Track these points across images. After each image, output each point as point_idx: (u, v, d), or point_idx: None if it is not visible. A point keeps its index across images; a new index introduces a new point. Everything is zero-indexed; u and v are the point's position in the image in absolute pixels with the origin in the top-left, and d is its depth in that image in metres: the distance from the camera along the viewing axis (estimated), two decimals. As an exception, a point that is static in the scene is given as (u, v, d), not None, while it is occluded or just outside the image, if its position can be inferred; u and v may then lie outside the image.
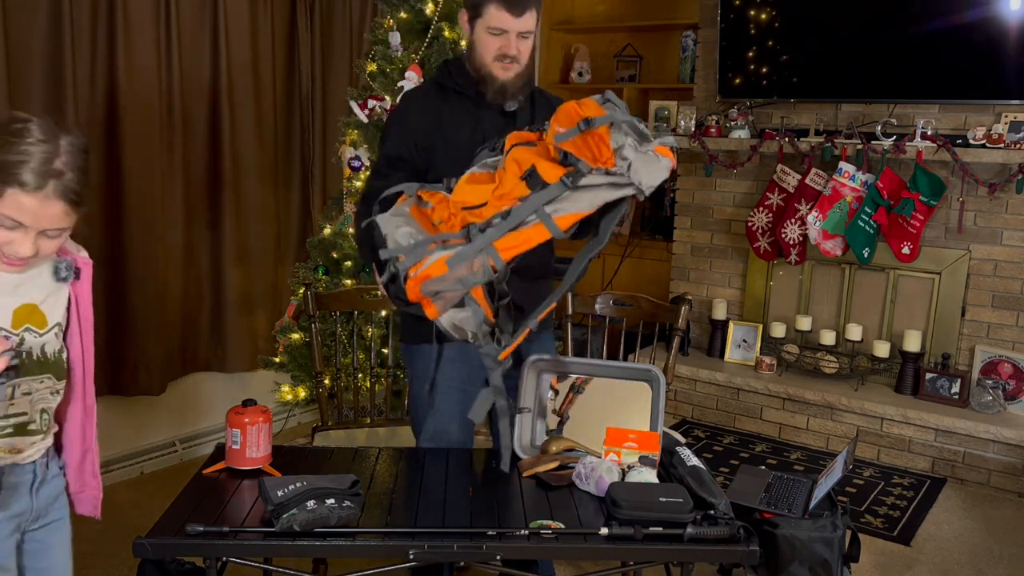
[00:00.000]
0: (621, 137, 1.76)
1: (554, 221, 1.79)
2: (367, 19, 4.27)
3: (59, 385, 1.69)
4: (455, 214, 1.88)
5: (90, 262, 1.76)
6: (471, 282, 1.81)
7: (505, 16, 2.12)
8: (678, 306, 2.74)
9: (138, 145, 3.43)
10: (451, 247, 1.84)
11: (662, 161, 1.78)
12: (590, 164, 1.77)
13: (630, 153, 1.75)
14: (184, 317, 3.73)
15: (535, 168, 1.80)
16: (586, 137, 1.77)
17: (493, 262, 1.80)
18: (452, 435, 2.34)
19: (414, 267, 1.84)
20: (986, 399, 3.89)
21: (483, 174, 1.93)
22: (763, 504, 2.47)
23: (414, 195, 1.99)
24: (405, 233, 1.90)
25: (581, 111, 1.80)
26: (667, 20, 5.33)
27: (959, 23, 3.83)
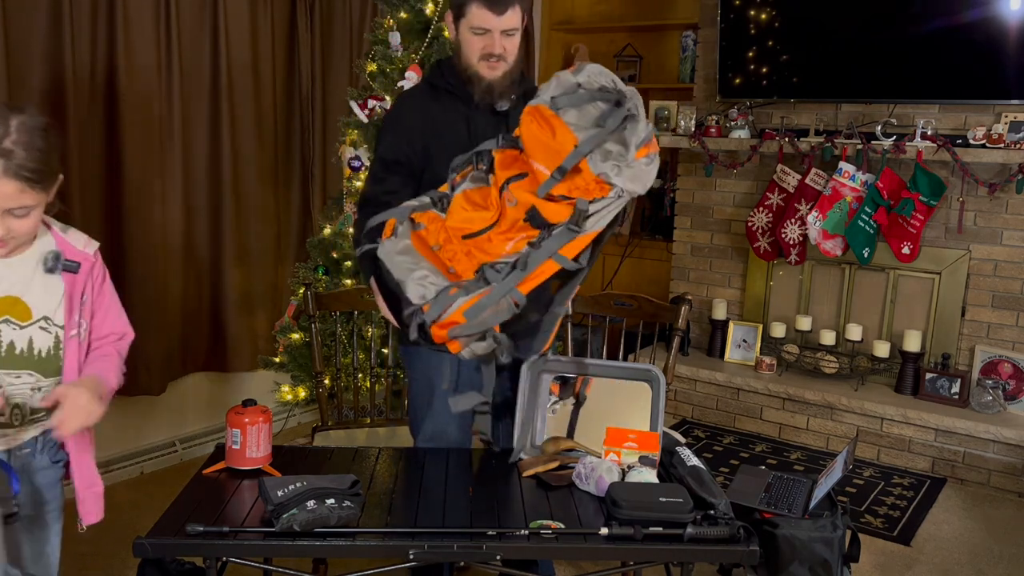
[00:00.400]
0: (600, 164, 1.71)
1: (563, 255, 1.78)
2: (367, 19, 4.27)
3: (46, 382, 1.67)
4: (452, 239, 1.86)
5: (92, 259, 1.74)
6: (494, 322, 1.81)
7: (487, 15, 2.11)
8: (678, 306, 2.74)
9: (138, 145, 3.43)
10: (469, 287, 1.81)
11: (650, 164, 1.76)
12: (586, 200, 1.75)
13: (616, 178, 1.72)
14: (184, 317, 3.72)
15: (536, 209, 1.78)
16: (572, 176, 1.73)
17: (516, 300, 1.79)
18: (451, 436, 2.34)
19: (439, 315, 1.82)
20: (986, 399, 3.89)
21: (476, 192, 1.90)
22: (763, 504, 2.47)
23: (406, 219, 1.95)
24: (419, 277, 1.86)
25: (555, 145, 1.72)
26: (667, 20, 5.33)
27: (959, 23, 3.83)
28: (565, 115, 1.75)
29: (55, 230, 1.75)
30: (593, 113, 1.75)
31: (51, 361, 1.69)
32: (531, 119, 1.78)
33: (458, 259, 1.84)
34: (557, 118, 1.75)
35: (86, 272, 1.74)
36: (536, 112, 1.78)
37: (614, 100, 1.75)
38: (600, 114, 1.75)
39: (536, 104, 1.79)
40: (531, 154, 1.77)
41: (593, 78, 1.79)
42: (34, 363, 1.65)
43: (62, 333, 1.71)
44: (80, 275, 1.72)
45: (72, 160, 3.20)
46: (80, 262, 1.72)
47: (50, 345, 1.67)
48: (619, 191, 1.74)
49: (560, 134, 1.73)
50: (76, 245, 1.75)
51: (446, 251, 1.86)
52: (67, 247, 1.72)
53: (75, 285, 1.72)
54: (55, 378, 1.71)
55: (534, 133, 1.76)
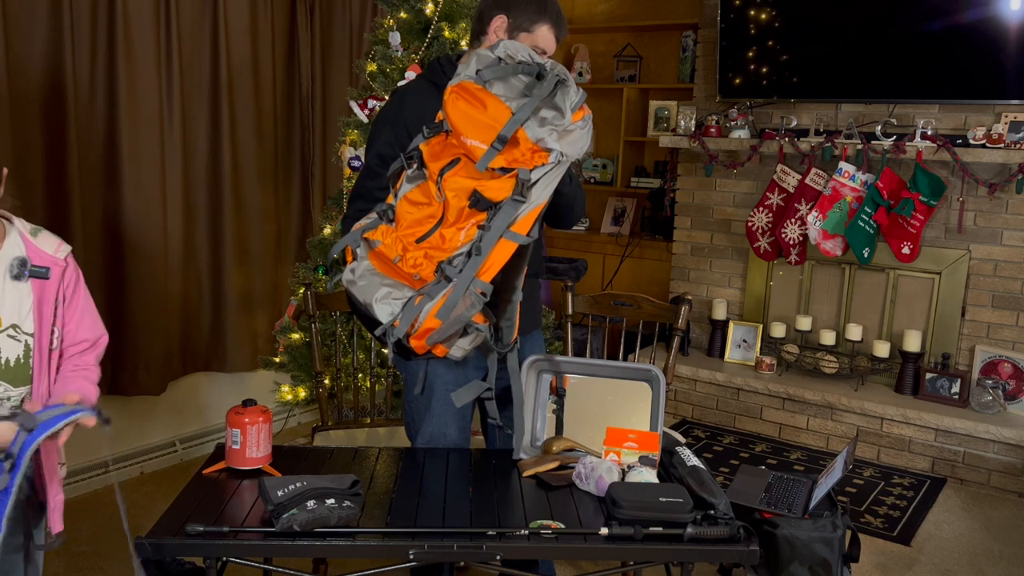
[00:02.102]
0: (537, 129, 1.72)
1: (515, 232, 1.77)
2: (367, 19, 4.27)
3: (15, 392, 1.63)
4: (408, 247, 1.85)
5: (63, 263, 1.69)
6: (468, 316, 1.79)
7: (551, 40, 2.15)
8: (678, 306, 2.74)
9: (138, 145, 3.43)
10: (432, 291, 1.80)
11: (585, 127, 1.76)
12: (527, 168, 1.74)
13: (554, 143, 1.72)
14: (184, 317, 3.73)
15: (479, 192, 1.77)
16: (510, 147, 1.73)
17: (480, 289, 1.78)
18: (450, 437, 2.34)
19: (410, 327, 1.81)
20: (986, 399, 3.89)
21: (416, 191, 1.89)
22: (763, 504, 2.47)
23: (360, 242, 1.93)
24: (383, 296, 1.85)
25: (486, 117, 1.73)
26: (667, 20, 5.33)
27: (959, 23, 3.83)
28: (492, 88, 1.76)
29: (24, 234, 1.68)
30: (518, 85, 1.77)
31: (20, 370, 1.63)
32: (457, 97, 1.78)
33: (420, 264, 1.83)
34: (485, 91, 1.76)
35: (57, 277, 1.68)
36: (461, 89, 1.78)
37: (535, 72, 1.77)
38: (525, 85, 1.76)
39: (459, 81, 1.79)
40: (462, 131, 1.77)
41: (511, 52, 1.81)
42: (2, 372, 1.60)
43: (32, 341, 1.66)
44: (51, 281, 1.66)
45: (72, 160, 3.20)
46: (49, 267, 1.66)
47: (19, 354, 1.62)
48: (558, 156, 1.74)
49: (492, 106, 1.74)
50: (46, 249, 1.68)
51: (407, 260, 1.84)
52: (36, 252, 1.66)
53: (45, 291, 1.66)
54: (25, 387, 1.66)
55: (463, 110, 1.77)
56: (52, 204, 3.17)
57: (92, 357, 1.82)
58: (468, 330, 1.83)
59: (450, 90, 1.80)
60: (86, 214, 3.30)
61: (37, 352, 1.67)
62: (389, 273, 1.87)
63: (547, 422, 2.29)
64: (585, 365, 2.29)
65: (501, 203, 1.76)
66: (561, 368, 2.29)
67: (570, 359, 2.32)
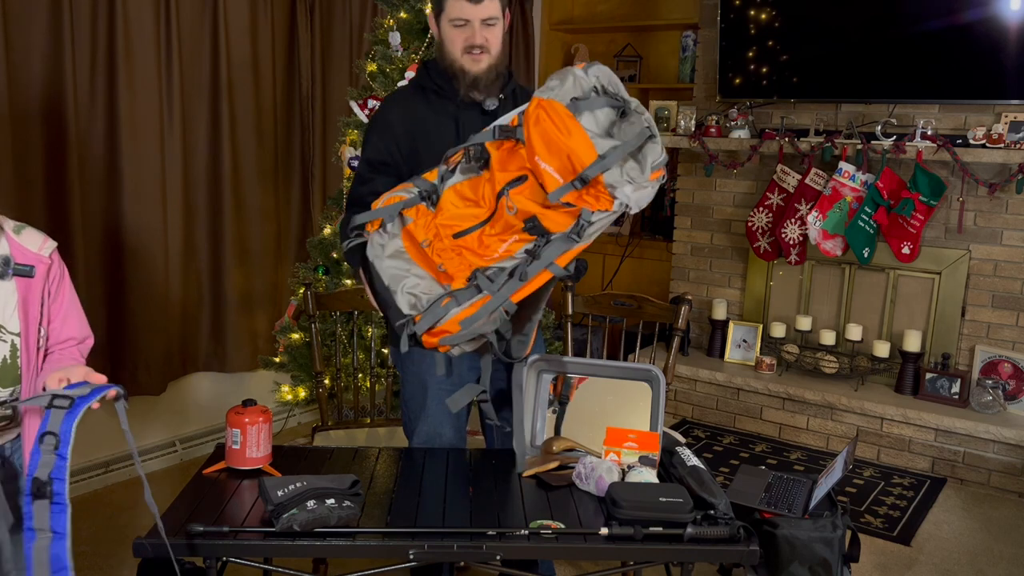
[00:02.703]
0: (617, 176, 1.69)
1: (557, 264, 1.77)
2: (367, 19, 4.27)
3: (4, 392, 1.62)
4: (441, 237, 1.83)
5: (48, 261, 1.67)
6: (486, 330, 1.79)
7: (464, 5, 2.10)
8: (678, 306, 2.74)
9: (138, 145, 3.43)
10: (461, 297, 1.79)
11: (655, 187, 1.75)
12: (591, 210, 1.72)
13: (625, 194, 1.70)
14: (184, 317, 3.72)
15: (538, 219, 1.75)
16: (584, 190, 1.71)
17: (506, 308, 1.78)
18: (445, 437, 2.34)
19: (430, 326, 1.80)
20: (986, 399, 3.89)
21: (466, 185, 1.87)
22: (763, 504, 2.47)
23: (396, 217, 1.91)
24: (410, 286, 1.83)
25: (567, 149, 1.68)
26: (667, 20, 5.33)
27: (959, 23, 3.83)
28: (581, 118, 1.71)
29: (8, 232, 1.66)
30: (603, 120, 1.73)
31: (8, 370, 1.62)
32: (544, 114, 1.72)
33: (448, 257, 1.82)
34: (574, 120, 1.71)
35: (42, 275, 1.66)
36: (550, 107, 1.72)
37: (620, 108, 1.74)
38: (610, 123, 1.73)
39: (549, 99, 1.73)
40: (538, 152, 1.72)
41: (604, 83, 1.77)
42: None
43: (19, 341, 1.64)
44: (36, 279, 1.64)
45: (72, 160, 3.20)
46: (34, 265, 1.64)
47: (6, 354, 1.61)
48: (621, 206, 1.72)
49: (577, 137, 1.69)
50: (31, 247, 1.66)
51: (435, 248, 1.83)
52: (20, 250, 1.64)
53: (31, 290, 1.64)
54: (13, 387, 1.65)
55: (546, 131, 1.71)
56: (52, 204, 3.17)
57: (76, 353, 1.80)
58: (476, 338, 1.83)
59: (537, 102, 1.74)
60: (86, 214, 3.30)
61: (24, 352, 1.66)
62: (417, 258, 1.86)
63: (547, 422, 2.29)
64: (585, 365, 2.29)
65: (554, 235, 1.76)
66: (560, 368, 2.29)
67: (570, 359, 2.32)
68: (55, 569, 1.51)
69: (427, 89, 2.26)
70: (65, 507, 1.52)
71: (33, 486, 1.50)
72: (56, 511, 1.51)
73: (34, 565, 1.50)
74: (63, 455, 1.51)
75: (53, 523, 1.51)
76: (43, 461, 1.50)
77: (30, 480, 1.50)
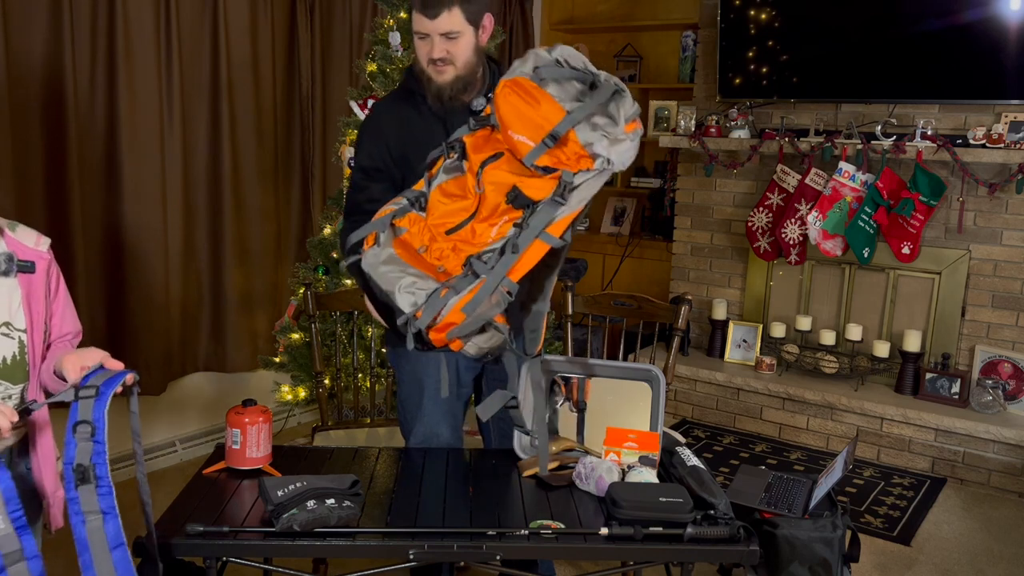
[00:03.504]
0: (589, 133, 1.70)
1: (549, 233, 1.74)
2: (367, 19, 4.27)
3: (15, 389, 1.63)
4: (436, 238, 1.83)
5: (47, 256, 1.69)
6: (491, 314, 1.76)
7: (422, 20, 2.11)
8: (678, 306, 2.74)
9: (138, 145, 3.43)
10: (459, 285, 1.77)
11: (634, 140, 1.74)
12: (572, 171, 1.72)
13: (603, 149, 1.70)
14: (184, 317, 3.72)
15: (519, 188, 1.75)
16: (558, 147, 1.71)
17: (507, 288, 1.75)
18: (443, 437, 2.34)
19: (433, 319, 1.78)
20: (986, 399, 3.89)
21: (452, 183, 1.87)
22: (763, 504, 2.46)
23: (387, 227, 1.91)
24: (408, 285, 1.82)
25: (537, 115, 1.71)
26: (667, 20, 5.33)
27: (959, 23, 3.83)
28: (547, 87, 1.74)
29: (4, 230, 1.67)
30: (572, 90, 1.74)
31: (17, 367, 1.63)
32: (510, 91, 1.75)
33: (446, 256, 1.81)
34: (540, 89, 1.73)
35: (43, 271, 1.68)
36: (515, 84, 1.75)
37: (590, 82, 1.75)
38: (579, 91, 1.74)
39: (514, 77, 1.76)
40: (510, 125, 1.74)
41: (567, 57, 1.79)
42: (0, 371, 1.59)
43: (25, 337, 1.65)
44: (38, 275, 1.66)
45: (72, 160, 3.20)
46: (35, 261, 1.65)
47: (14, 351, 1.61)
48: (603, 163, 1.72)
49: (545, 104, 1.71)
50: (27, 243, 1.67)
51: (433, 251, 1.83)
52: (19, 247, 1.65)
53: (33, 286, 1.65)
54: (23, 384, 1.65)
55: (515, 105, 1.74)
56: (52, 204, 3.17)
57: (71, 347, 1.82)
58: (487, 328, 1.80)
59: (503, 84, 1.77)
60: (86, 214, 3.30)
61: (31, 348, 1.66)
62: (413, 263, 1.85)
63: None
64: (585, 365, 2.29)
65: (539, 203, 1.74)
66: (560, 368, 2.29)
67: (571, 359, 2.32)
68: (113, 545, 1.54)
69: (414, 93, 2.27)
70: (111, 489, 1.56)
71: (76, 473, 1.53)
72: (103, 493, 1.55)
73: (90, 545, 1.52)
74: (100, 440, 1.56)
75: (102, 504, 1.55)
76: (81, 448, 1.54)
77: (69, 468, 1.53)
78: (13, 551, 1.51)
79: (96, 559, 1.52)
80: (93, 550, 1.52)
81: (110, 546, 1.54)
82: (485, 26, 2.18)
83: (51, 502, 1.75)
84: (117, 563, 1.53)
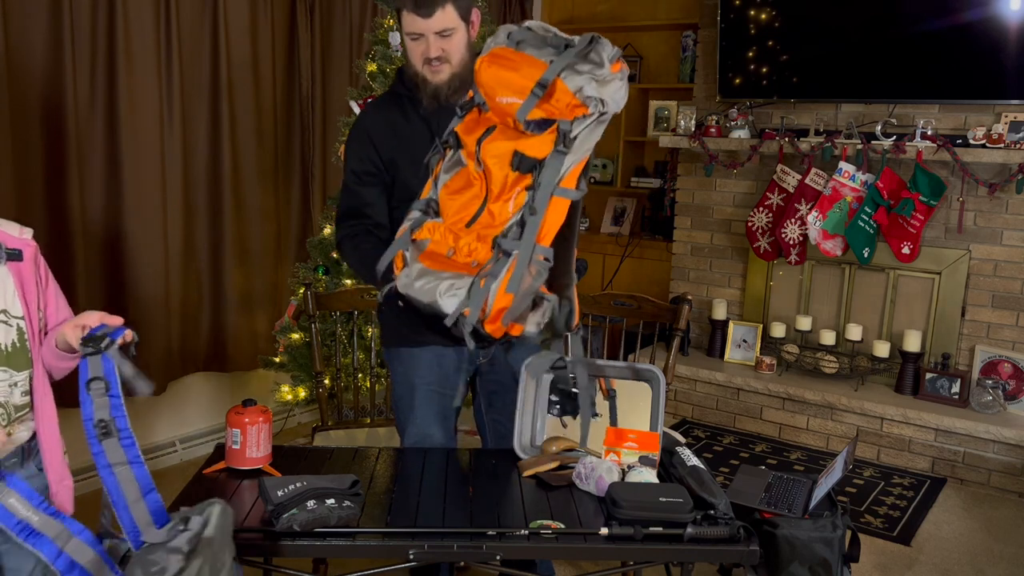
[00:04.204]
0: (576, 78, 1.69)
1: (564, 187, 1.72)
2: (367, 19, 4.27)
3: (20, 376, 1.65)
4: (459, 235, 1.80)
5: (33, 244, 1.71)
6: (537, 285, 1.73)
7: (415, 19, 2.10)
8: (678, 306, 2.74)
9: (138, 145, 3.43)
10: (495, 269, 1.73)
11: (623, 79, 1.73)
12: (568, 119, 1.70)
13: (593, 91, 1.69)
14: (184, 317, 3.72)
15: (520, 152, 1.72)
16: (548, 98, 1.69)
17: (542, 255, 1.71)
18: (434, 438, 2.34)
19: (482, 311, 1.73)
20: (986, 399, 3.89)
21: (456, 178, 1.86)
22: (763, 504, 2.46)
23: (409, 245, 1.88)
24: (446, 288, 1.78)
25: (521, 76, 1.70)
26: (667, 20, 5.33)
27: (959, 23, 3.83)
28: (525, 49, 1.75)
29: None
30: (549, 51, 1.74)
31: (19, 354, 1.65)
32: (489, 63, 1.75)
33: (475, 249, 1.78)
34: (519, 52, 1.74)
35: (31, 259, 1.70)
36: (493, 56, 1.75)
37: (564, 44, 1.75)
38: (555, 51, 1.73)
39: (491, 50, 1.77)
40: (496, 92, 1.73)
41: (537, 27, 1.79)
42: (3, 359, 1.61)
43: (24, 324, 1.67)
44: (26, 263, 1.68)
45: (72, 160, 3.20)
46: (22, 248, 1.67)
47: (14, 338, 1.63)
48: (597, 106, 1.70)
49: (526, 65, 1.72)
50: (11, 233, 1.69)
51: (461, 250, 1.80)
52: (4, 237, 1.67)
53: (24, 273, 1.68)
54: (28, 371, 1.67)
55: (496, 73, 1.74)
56: (52, 204, 3.17)
57: None
58: (537, 302, 1.77)
59: (481, 59, 1.76)
60: (86, 214, 3.29)
61: (31, 335, 1.68)
62: (446, 268, 1.81)
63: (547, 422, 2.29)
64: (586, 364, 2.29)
65: (545, 159, 1.71)
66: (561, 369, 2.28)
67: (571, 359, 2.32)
68: (145, 491, 1.59)
69: (402, 96, 2.27)
70: (133, 439, 1.61)
71: (97, 428, 1.59)
72: (126, 444, 1.60)
73: (124, 493, 1.57)
74: (116, 394, 1.61)
75: (128, 454, 1.60)
76: (98, 404, 1.59)
77: (90, 424, 1.58)
78: (60, 532, 1.58)
79: (131, 506, 1.57)
80: (127, 497, 1.57)
81: (143, 492, 1.59)
82: (474, 21, 2.19)
83: (55, 490, 1.76)
84: (151, 507, 1.59)
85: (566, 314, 1.86)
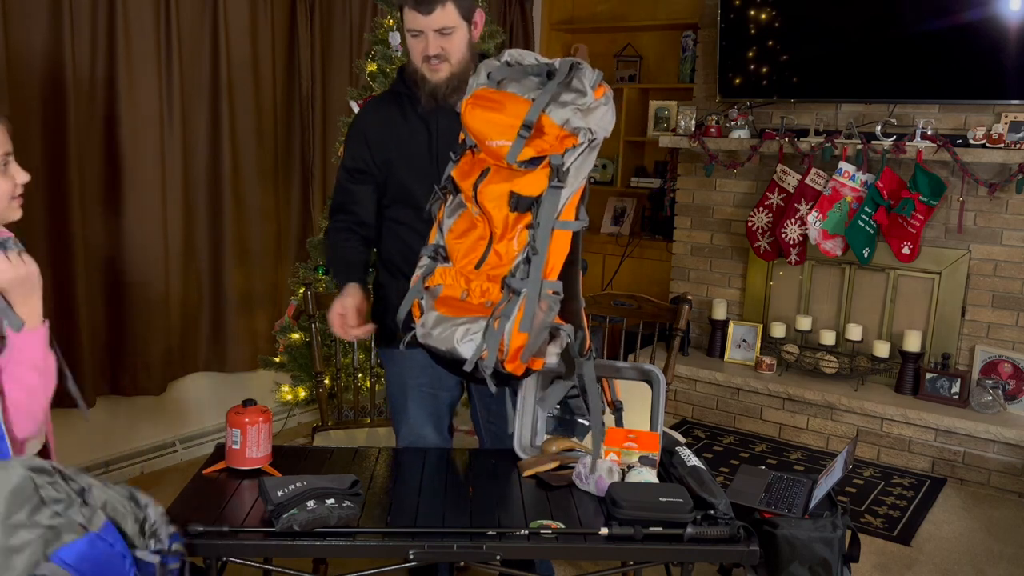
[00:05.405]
0: (561, 111, 1.71)
1: (562, 219, 1.74)
2: (367, 19, 4.27)
3: None
4: (470, 278, 1.82)
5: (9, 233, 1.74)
6: (550, 319, 1.75)
7: (416, 16, 2.10)
8: (678, 306, 2.74)
9: (138, 144, 3.43)
10: (506, 310, 1.74)
11: (608, 104, 1.75)
12: (559, 152, 1.72)
13: (579, 121, 1.71)
14: (184, 317, 3.72)
15: (516, 193, 1.74)
16: (536, 136, 1.71)
17: (552, 290, 1.74)
18: (427, 438, 2.34)
19: (500, 352, 1.74)
20: (986, 399, 3.89)
21: (460, 221, 1.88)
22: (763, 504, 2.46)
23: (423, 292, 1.89)
24: (462, 335, 1.78)
25: (506, 116, 1.72)
26: (667, 20, 5.33)
27: (959, 23, 3.83)
28: (507, 87, 1.76)
29: None
30: (531, 83, 1.76)
31: None
32: (473, 106, 1.77)
33: (488, 289, 1.80)
34: (501, 91, 1.75)
35: None
36: (475, 98, 1.77)
37: (546, 72, 1.76)
38: (538, 83, 1.75)
39: (473, 92, 1.79)
40: (486, 136, 1.75)
41: (518, 58, 1.80)
42: None
43: None
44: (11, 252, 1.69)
45: (72, 160, 3.20)
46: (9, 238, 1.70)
47: None
48: (586, 135, 1.72)
49: (510, 103, 1.73)
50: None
51: (474, 292, 1.81)
52: None
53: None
54: None
55: (481, 116, 1.76)
56: (51, 204, 3.17)
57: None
58: (554, 333, 1.79)
59: (465, 102, 1.78)
60: (86, 214, 3.29)
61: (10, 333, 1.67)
62: (461, 313, 1.81)
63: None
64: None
65: (541, 196, 1.74)
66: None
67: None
68: None
69: (401, 95, 2.27)
70: None
71: None
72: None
73: None
74: None
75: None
76: None
77: None
78: None
79: None
80: None
81: None
82: (476, 22, 2.19)
83: None
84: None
85: (580, 341, 1.87)
